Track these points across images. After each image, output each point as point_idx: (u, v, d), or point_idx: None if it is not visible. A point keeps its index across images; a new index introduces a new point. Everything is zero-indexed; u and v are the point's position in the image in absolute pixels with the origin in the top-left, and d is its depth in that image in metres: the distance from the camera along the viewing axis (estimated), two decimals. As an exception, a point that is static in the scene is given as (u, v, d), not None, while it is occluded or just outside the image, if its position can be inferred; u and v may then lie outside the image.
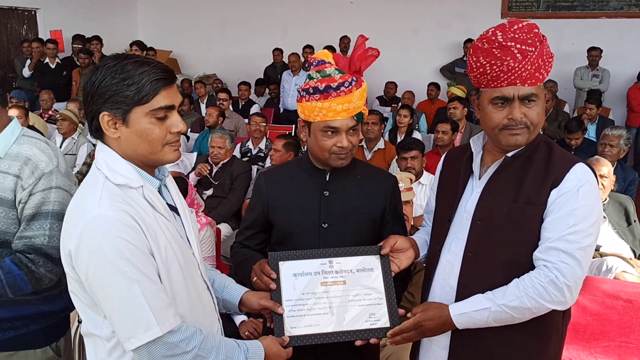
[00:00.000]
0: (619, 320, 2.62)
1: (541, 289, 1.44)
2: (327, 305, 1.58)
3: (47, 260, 1.62)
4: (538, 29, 1.49)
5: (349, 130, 1.66)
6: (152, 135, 1.29)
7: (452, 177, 1.69)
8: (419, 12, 8.61)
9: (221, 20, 9.68)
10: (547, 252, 1.45)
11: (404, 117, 5.74)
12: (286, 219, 1.76)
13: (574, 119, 5.77)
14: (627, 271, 3.05)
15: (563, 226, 1.44)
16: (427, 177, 4.06)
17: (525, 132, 1.50)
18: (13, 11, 8.27)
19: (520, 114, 1.48)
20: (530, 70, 1.45)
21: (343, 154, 1.68)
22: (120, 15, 9.82)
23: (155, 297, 1.25)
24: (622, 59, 7.69)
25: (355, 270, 1.62)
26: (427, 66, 8.66)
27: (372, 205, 1.76)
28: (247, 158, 5.38)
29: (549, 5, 8.16)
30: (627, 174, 4.27)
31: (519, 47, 1.45)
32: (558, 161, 1.51)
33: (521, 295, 1.45)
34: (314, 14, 8.95)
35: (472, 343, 1.57)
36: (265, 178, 1.83)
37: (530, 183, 1.50)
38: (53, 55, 7.61)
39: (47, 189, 1.63)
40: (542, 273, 1.45)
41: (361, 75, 1.65)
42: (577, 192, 1.45)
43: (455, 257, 1.60)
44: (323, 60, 1.67)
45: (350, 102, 1.62)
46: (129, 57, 1.30)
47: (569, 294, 1.45)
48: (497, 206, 1.53)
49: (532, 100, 1.48)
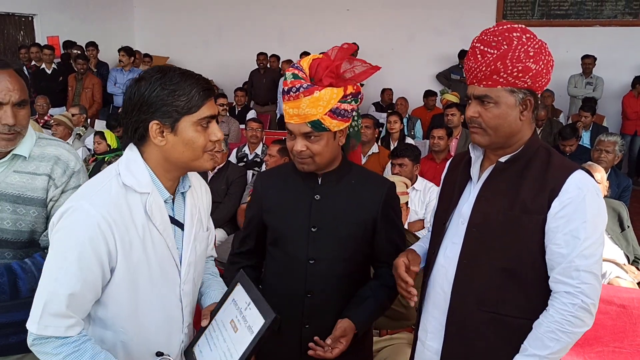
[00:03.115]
0: (612, 325, 2.63)
1: (573, 319, 1.42)
2: (219, 342, 1.47)
3: None
4: (516, 32, 1.46)
5: (306, 135, 1.63)
6: (197, 142, 1.38)
7: (452, 182, 1.69)
8: (415, 19, 8.66)
9: (218, 26, 9.71)
10: (567, 273, 1.42)
11: (394, 123, 5.77)
12: (277, 221, 1.77)
13: (568, 125, 5.80)
14: (621, 277, 3.06)
15: (576, 242, 1.41)
16: (421, 182, 4.07)
17: (481, 133, 1.51)
18: (10, 17, 8.28)
19: (473, 112, 1.51)
20: (485, 71, 1.46)
21: (300, 159, 1.67)
22: (117, 21, 9.84)
23: (58, 301, 1.29)
24: (615, 67, 7.74)
25: (245, 323, 1.44)
26: (423, 73, 8.70)
27: (364, 210, 1.73)
28: (243, 163, 5.38)
29: (543, 13, 8.22)
30: (621, 181, 4.29)
31: (481, 47, 1.48)
32: (556, 168, 1.48)
33: (559, 337, 1.43)
34: (311, 21, 8.99)
35: (463, 350, 1.56)
36: (261, 179, 1.86)
37: (527, 190, 1.48)
38: (49, 60, 7.61)
39: (77, 187, 1.68)
40: (568, 302, 1.42)
41: (323, 85, 1.59)
42: (583, 202, 1.42)
43: (450, 262, 1.59)
44: (295, 64, 1.67)
45: (298, 108, 1.59)
46: (172, 70, 1.38)
47: (594, 310, 1.44)
48: (492, 212, 1.51)
49: (488, 102, 1.48)
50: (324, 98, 1.57)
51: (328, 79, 1.59)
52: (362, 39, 8.67)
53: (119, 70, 7.92)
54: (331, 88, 1.59)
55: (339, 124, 1.63)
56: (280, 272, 1.78)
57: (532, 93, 1.48)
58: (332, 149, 1.67)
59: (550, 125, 6.58)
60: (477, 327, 1.54)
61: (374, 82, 8.63)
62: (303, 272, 1.72)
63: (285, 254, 1.76)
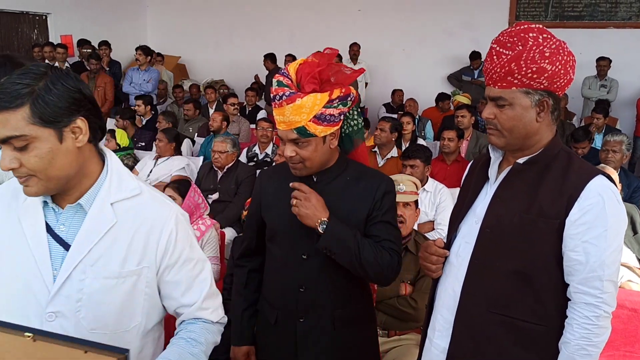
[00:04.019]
0: (623, 329, 2.60)
1: (597, 329, 1.42)
2: None
3: None
4: (533, 32, 1.43)
5: (294, 142, 1.65)
6: None
7: (470, 182, 1.68)
8: (426, 20, 8.63)
9: (229, 26, 9.74)
10: (589, 282, 1.41)
11: (407, 124, 5.74)
12: (274, 218, 1.80)
13: (581, 128, 5.75)
14: (633, 280, 3.03)
15: (598, 250, 1.40)
16: (432, 183, 4.05)
17: (497, 134, 1.50)
18: (24, 16, 8.36)
19: (489, 113, 1.49)
20: (500, 73, 1.45)
21: (292, 163, 1.70)
22: (130, 20, 9.91)
23: None
24: (630, 69, 7.66)
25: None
26: (434, 74, 8.67)
27: (359, 206, 1.74)
28: (253, 163, 5.40)
29: (557, 15, 8.16)
30: (631, 181, 4.24)
31: (497, 48, 1.46)
32: (576, 173, 1.45)
33: (589, 351, 1.42)
34: (321, 21, 8.99)
35: (470, 350, 1.56)
36: (262, 176, 1.91)
37: (545, 193, 1.45)
38: (62, 59, 7.67)
39: None
40: (591, 315, 1.41)
41: (306, 92, 1.59)
42: (604, 209, 1.40)
43: (461, 262, 1.58)
44: (283, 70, 1.68)
45: (283, 115, 1.61)
46: None
47: (611, 314, 1.45)
48: (507, 214, 1.49)
49: (502, 104, 1.46)
50: (306, 105, 1.58)
51: (311, 85, 1.60)
52: (373, 40, 8.68)
53: (135, 69, 7.97)
54: (314, 94, 1.59)
55: (324, 129, 1.64)
56: (276, 267, 1.82)
57: (550, 94, 1.45)
58: (322, 153, 1.69)
59: (562, 128, 6.53)
60: (485, 328, 1.53)
61: (384, 83, 8.63)
62: (297, 267, 1.75)
63: (280, 250, 1.80)
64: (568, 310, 1.46)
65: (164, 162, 4.99)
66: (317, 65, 1.62)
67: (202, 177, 4.84)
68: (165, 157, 5.02)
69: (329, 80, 1.63)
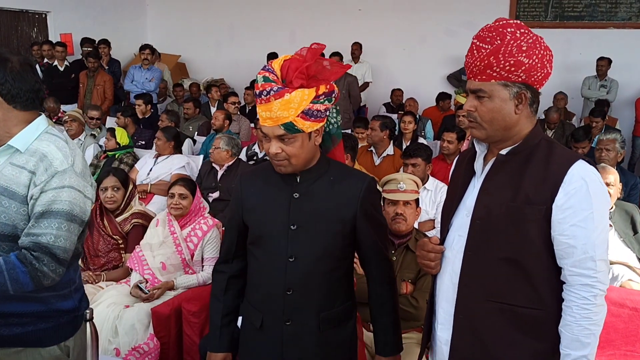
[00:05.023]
0: (624, 328, 2.61)
1: (596, 308, 1.46)
2: None
3: (52, 260, 1.61)
4: (511, 27, 1.48)
5: (280, 138, 1.64)
6: None
7: (458, 177, 1.73)
8: (427, 20, 8.63)
9: (229, 25, 9.73)
10: (582, 264, 1.45)
11: (409, 123, 5.76)
12: (257, 221, 1.78)
13: (581, 128, 5.76)
14: (633, 280, 3.04)
15: (587, 232, 1.45)
16: (432, 182, 4.06)
17: (477, 126, 1.55)
18: (24, 14, 8.35)
19: (469, 106, 1.55)
20: (479, 66, 1.49)
21: (276, 161, 1.68)
22: (130, 19, 9.90)
23: None
24: (629, 70, 7.67)
25: None
26: (434, 73, 8.67)
27: (342, 206, 1.73)
28: (253, 162, 5.39)
29: (557, 15, 8.16)
30: (628, 179, 4.24)
31: (477, 43, 1.51)
32: (558, 159, 1.50)
33: (592, 330, 1.46)
34: (322, 20, 8.98)
35: (472, 340, 1.58)
36: (242, 180, 1.86)
37: (529, 181, 1.50)
38: (62, 58, 7.66)
39: (60, 187, 1.63)
40: (588, 295, 1.45)
41: (294, 87, 1.58)
42: (588, 192, 1.45)
43: (456, 255, 1.61)
44: (267, 66, 1.67)
45: (270, 111, 1.59)
46: None
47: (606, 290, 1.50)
48: (495, 204, 1.53)
49: (482, 96, 1.51)
50: (295, 100, 1.58)
51: (299, 81, 1.59)
52: (373, 40, 8.67)
53: (137, 67, 7.97)
54: (302, 89, 1.59)
55: (312, 125, 1.64)
56: (261, 271, 1.80)
57: (528, 87, 1.50)
58: (307, 149, 1.68)
59: (562, 128, 6.53)
60: (485, 317, 1.56)
61: (384, 82, 8.63)
62: (283, 270, 1.73)
63: (265, 252, 1.77)
64: (564, 293, 1.50)
65: (164, 160, 4.99)
66: (304, 60, 1.62)
67: (203, 175, 4.84)
68: (165, 155, 5.02)
69: (315, 76, 1.62)
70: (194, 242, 3.28)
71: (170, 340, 3.06)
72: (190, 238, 3.29)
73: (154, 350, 2.96)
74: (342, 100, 6.65)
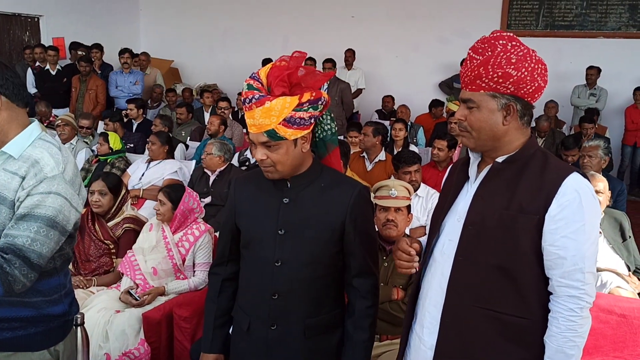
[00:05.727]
0: (613, 335, 2.63)
1: (581, 320, 1.47)
2: None
3: (24, 264, 1.56)
4: (503, 40, 1.51)
5: (265, 145, 1.65)
6: None
7: (451, 183, 1.74)
8: (420, 27, 8.69)
9: (222, 31, 9.75)
10: (571, 275, 1.46)
11: (399, 130, 5.78)
12: (248, 224, 1.80)
13: (571, 136, 5.82)
14: (622, 286, 3.07)
15: (577, 244, 1.45)
16: (424, 189, 4.08)
17: (466, 135, 1.58)
18: (16, 17, 8.32)
19: (460, 115, 1.58)
20: (470, 76, 1.53)
21: (263, 167, 1.70)
22: (123, 24, 9.88)
23: None
24: (619, 79, 7.76)
25: None
26: (427, 80, 8.73)
27: (332, 213, 1.73)
28: (245, 167, 5.39)
29: (547, 24, 8.25)
30: (614, 185, 4.25)
31: (471, 54, 1.56)
32: (552, 170, 1.52)
33: (576, 342, 1.47)
34: (315, 27, 9.02)
35: (457, 346, 1.58)
36: (235, 184, 1.88)
37: (524, 190, 1.51)
38: (54, 61, 7.63)
39: (46, 192, 1.61)
40: (574, 307, 1.46)
41: (275, 95, 1.60)
42: (581, 205, 1.46)
43: (446, 259, 1.62)
44: (254, 73, 1.68)
45: (253, 118, 1.61)
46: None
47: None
48: (488, 212, 1.54)
49: (471, 107, 1.54)
50: (275, 108, 1.59)
51: (280, 89, 1.60)
52: (367, 46, 8.71)
53: (118, 72, 7.93)
54: (284, 97, 1.59)
55: (294, 133, 1.64)
56: (250, 274, 1.81)
57: (518, 99, 1.51)
58: (293, 156, 1.69)
59: (552, 136, 6.59)
60: (471, 324, 1.57)
61: (377, 89, 8.67)
62: (269, 274, 1.74)
63: (253, 256, 1.79)
64: (551, 304, 1.51)
65: (156, 165, 4.98)
66: (286, 68, 1.63)
67: (195, 180, 4.84)
68: (157, 160, 5.01)
69: (299, 84, 1.63)
70: (185, 247, 3.28)
71: (161, 345, 3.05)
72: (182, 243, 3.28)
73: (145, 356, 2.95)
74: (335, 107, 6.68)
